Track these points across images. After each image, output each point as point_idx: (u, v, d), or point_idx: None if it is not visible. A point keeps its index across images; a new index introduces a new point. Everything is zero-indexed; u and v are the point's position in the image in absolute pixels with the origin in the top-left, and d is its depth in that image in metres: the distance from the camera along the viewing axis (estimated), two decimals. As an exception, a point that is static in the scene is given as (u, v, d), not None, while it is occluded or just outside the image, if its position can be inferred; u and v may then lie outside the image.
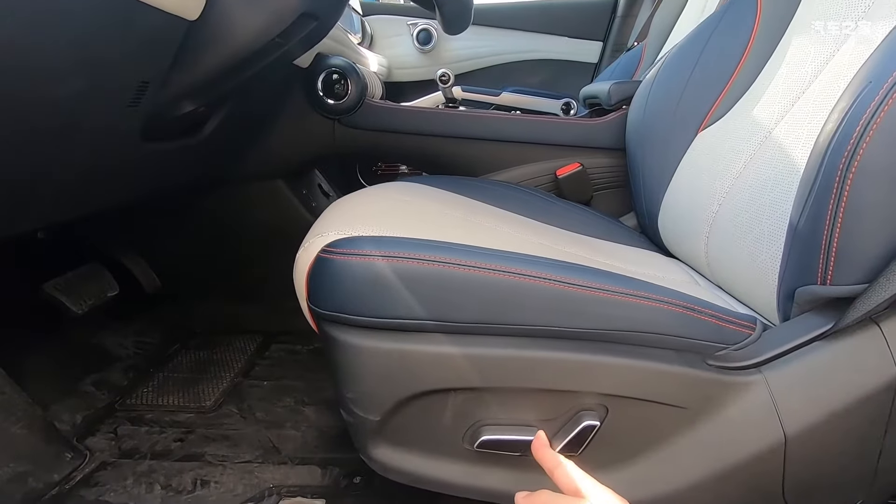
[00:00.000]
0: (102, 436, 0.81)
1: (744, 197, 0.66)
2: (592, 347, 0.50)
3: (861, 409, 0.49)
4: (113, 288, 0.99)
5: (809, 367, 0.50)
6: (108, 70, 0.53)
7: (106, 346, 0.99)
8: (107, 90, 0.55)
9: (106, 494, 0.69)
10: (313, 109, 1.02)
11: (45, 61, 0.46)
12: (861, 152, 0.45)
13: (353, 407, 0.52)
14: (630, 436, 0.53)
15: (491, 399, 0.51)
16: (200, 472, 0.73)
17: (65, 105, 0.52)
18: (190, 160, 0.89)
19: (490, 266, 0.48)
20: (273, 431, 0.82)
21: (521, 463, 0.52)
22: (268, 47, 0.68)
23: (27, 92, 0.47)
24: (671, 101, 0.85)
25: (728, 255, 0.67)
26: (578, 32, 1.98)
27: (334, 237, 0.53)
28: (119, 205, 0.82)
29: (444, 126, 1.05)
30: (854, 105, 0.48)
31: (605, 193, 1.06)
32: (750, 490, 0.53)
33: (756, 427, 0.50)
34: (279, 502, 0.67)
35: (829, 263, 0.48)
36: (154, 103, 0.64)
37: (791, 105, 0.66)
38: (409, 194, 0.75)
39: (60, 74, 0.49)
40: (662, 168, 0.83)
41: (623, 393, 0.50)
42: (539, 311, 0.48)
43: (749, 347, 0.52)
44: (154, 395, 0.91)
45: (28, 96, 0.48)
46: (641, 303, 0.50)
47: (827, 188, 0.48)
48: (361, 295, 0.48)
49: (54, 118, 0.52)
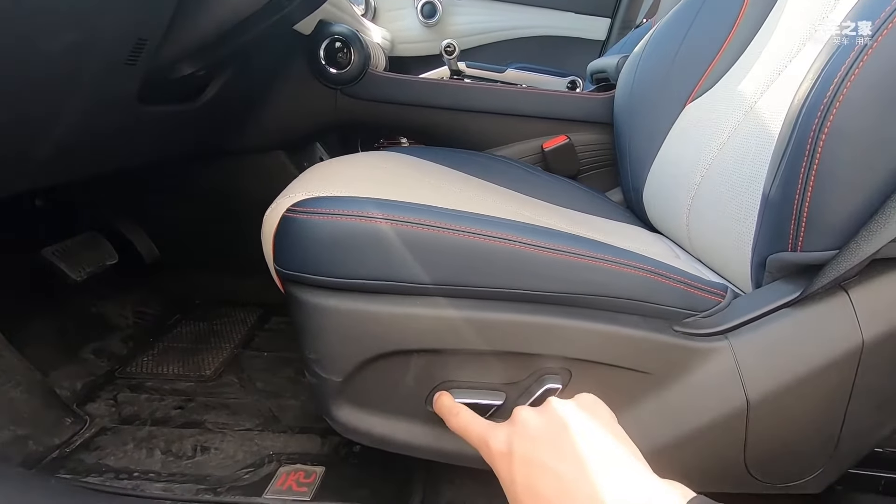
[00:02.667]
0: (102, 402, 0.81)
1: (726, 167, 0.64)
2: (557, 311, 0.49)
3: (825, 376, 0.49)
4: (112, 257, 0.98)
5: (776, 334, 0.50)
6: (103, 24, 0.52)
7: (106, 315, 0.99)
8: (102, 46, 0.54)
9: (106, 458, 0.69)
10: (315, 78, 1.00)
11: (39, 9, 0.45)
12: (833, 114, 0.44)
13: (316, 368, 0.51)
14: None
15: (454, 361, 0.50)
16: (200, 438, 0.73)
17: (60, 58, 0.50)
18: (189, 127, 0.88)
19: (454, 227, 0.47)
20: (273, 401, 0.82)
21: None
22: (268, 8, 0.66)
23: (22, 42, 0.46)
24: (659, 73, 0.84)
25: (707, 226, 0.67)
26: (586, 8, 1.94)
27: (301, 197, 0.52)
28: (117, 169, 0.81)
29: (449, 98, 1.03)
30: (827, 66, 0.46)
31: (593, 172, 1.04)
32: (711, 456, 0.53)
33: (719, 393, 0.50)
34: (279, 469, 0.67)
35: (801, 229, 0.47)
36: (151, 63, 0.62)
37: (776, 75, 0.64)
38: (388, 162, 0.73)
39: (54, 26, 0.47)
40: (649, 141, 0.82)
41: (587, 357, 0.50)
42: (503, 273, 0.48)
43: (717, 315, 0.51)
44: (154, 364, 0.91)
45: (23, 47, 0.46)
46: (608, 266, 0.49)
47: (799, 151, 0.47)
48: (324, 254, 0.47)
49: (51, 71, 0.51)
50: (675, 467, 0.53)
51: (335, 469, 0.68)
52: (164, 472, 0.67)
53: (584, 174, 1.04)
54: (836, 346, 0.49)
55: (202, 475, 0.67)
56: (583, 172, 1.04)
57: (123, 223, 1.07)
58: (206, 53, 0.68)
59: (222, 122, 0.95)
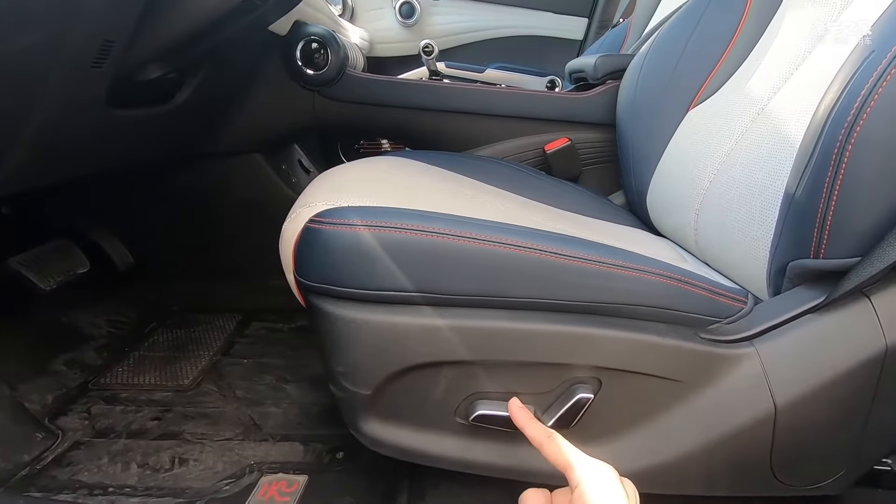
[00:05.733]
0: (75, 415, 0.78)
1: (735, 173, 0.65)
2: (586, 320, 0.49)
3: (849, 380, 0.50)
4: (83, 264, 0.95)
5: (800, 339, 0.50)
6: (67, 24, 0.50)
7: (78, 325, 0.96)
8: (67, 48, 0.52)
9: (79, 474, 0.67)
10: (292, 80, 0.98)
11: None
12: (861, 123, 0.44)
13: (344, 381, 0.50)
14: (622, 408, 0.53)
15: (483, 372, 0.50)
16: (178, 450, 0.71)
17: (23, 59, 0.48)
18: (162, 131, 0.85)
19: (484, 237, 0.47)
20: (254, 409, 0.81)
21: (512, 436, 0.51)
22: (240, 9, 0.65)
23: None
24: (662, 78, 0.84)
25: (717, 231, 0.67)
26: (563, 8, 1.95)
27: (323, 207, 0.51)
28: (88, 174, 0.78)
29: (429, 99, 1.03)
30: (856, 75, 0.47)
31: (593, 169, 1.05)
32: (739, 461, 0.53)
33: (747, 399, 0.51)
34: (260, 479, 0.66)
35: (823, 237, 0.48)
36: (120, 66, 0.60)
37: (784, 80, 0.65)
38: (396, 167, 0.73)
39: (16, 25, 0.45)
40: (652, 146, 0.82)
41: (616, 366, 0.50)
42: (533, 283, 0.48)
43: (741, 321, 0.52)
44: (129, 375, 0.89)
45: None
46: (636, 275, 0.49)
47: (825, 160, 0.47)
48: (351, 266, 0.47)
49: (13, 71, 0.49)
50: (703, 473, 0.54)
51: (318, 477, 0.67)
52: (140, 486, 0.65)
53: (584, 171, 1.04)
54: (859, 351, 0.49)
55: (181, 488, 0.65)
56: (582, 171, 1.04)
57: (95, 230, 1.04)
58: (176, 56, 0.66)
59: (197, 125, 0.93)
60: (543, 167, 1.02)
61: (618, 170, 0.96)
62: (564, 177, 1.01)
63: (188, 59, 0.71)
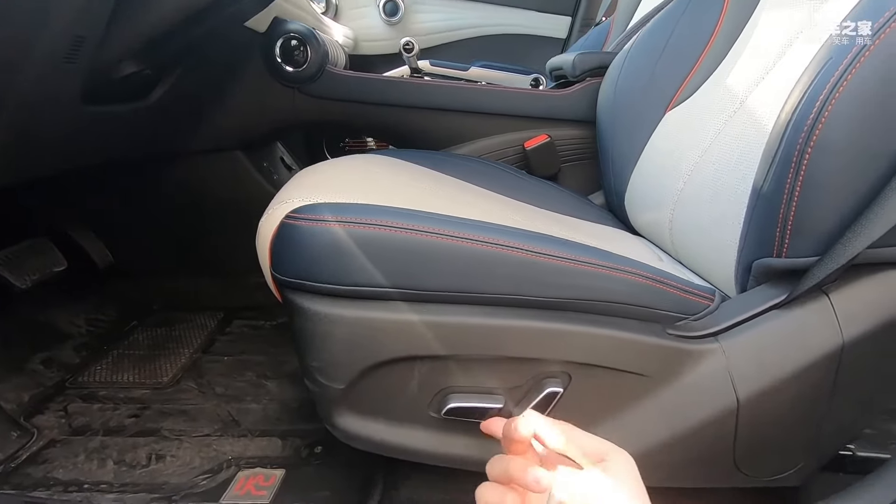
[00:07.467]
0: (52, 414, 0.78)
1: (708, 174, 0.66)
2: (558, 316, 0.50)
3: (808, 375, 0.51)
4: (60, 263, 0.95)
5: (763, 335, 0.52)
6: (37, 18, 0.50)
7: (56, 324, 0.95)
8: (37, 42, 0.52)
9: (55, 472, 0.67)
10: (272, 77, 0.98)
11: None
12: (819, 128, 0.46)
13: (318, 376, 0.51)
14: (591, 402, 0.54)
15: (456, 367, 0.51)
16: (156, 446, 0.71)
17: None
18: (141, 127, 0.85)
19: (458, 234, 0.48)
20: (233, 405, 0.81)
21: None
22: (215, 4, 0.65)
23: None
24: (641, 79, 0.85)
25: (691, 231, 0.68)
26: (547, 7, 1.96)
27: (299, 203, 0.51)
28: (64, 170, 0.78)
29: (410, 96, 1.03)
30: (814, 82, 0.48)
31: (572, 167, 1.06)
32: (703, 453, 0.55)
33: (711, 393, 0.52)
34: (237, 473, 0.66)
35: (786, 236, 0.49)
36: (93, 62, 0.60)
37: (757, 83, 0.65)
38: (376, 165, 0.73)
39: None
40: (631, 147, 0.83)
41: (586, 360, 0.51)
42: (510, 280, 0.48)
43: (708, 317, 0.53)
44: (108, 373, 0.88)
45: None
46: (611, 273, 0.50)
47: (786, 163, 0.49)
48: (326, 261, 0.47)
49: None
50: (668, 465, 0.55)
51: (296, 471, 0.67)
52: (116, 482, 0.65)
53: (564, 168, 1.05)
54: (818, 347, 0.51)
55: (157, 483, 0.65)
56: (561, 168, 1.05)
57: (74, 228, 1.04)
58: (151, 52, 0.66)
59: (176, 122, 0.92)
60: (523, 164, 1.03)
61: (598, 169, 0.97)
62: (544, 173, 1.02)
63: (163, 55, 0.71)
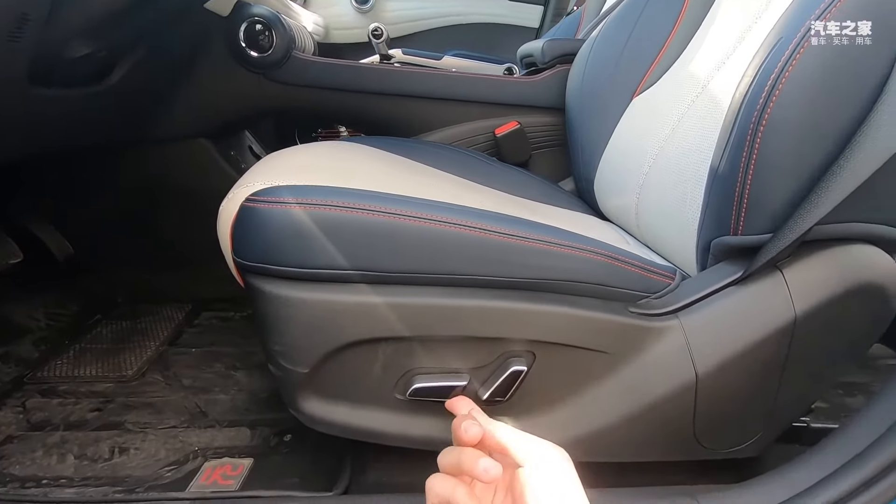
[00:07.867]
0: (9, 410, 0.75)
1: (671, 158, 0.67)
2: (521, 296, 0.50)
3: (763, 349, 0.53)
4: (15, 255, 0.91)
5: (720, 311, 0.53)
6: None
7: (12, 318, 0.92)
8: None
9: (11, 468, 0.65)
10: (237, 62, 0.96)
11: None
12: (770, 107, 0.47)
13: (281, 360, 0.50)
14: (555, 380, 0.54)
15: (421, 348, 0.51)
16: (119, 439, 0.70)
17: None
18: (98, 113, 0.82)
19: (420, 215, 0.47)
20: (200, 397, 0.79)
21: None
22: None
23: None
24: (608, 66, 0.86)
25: (655, 214, 0.70)
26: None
27: (259, 187, 0.50)
28: (15, 158, 0.75)
29: (378, 83, 1.02)
30: (766, 61, 0.49)
31: (543, 153, 1.06)
32: (664, 428, 0.56)
33: (671, 368, 0.53)
34: (204, 464, 0.65)
35: (741, 215, 0.50)
36: (40, 41, 0.58)
37: (718, 68, 0.67)
38: (344, 151, 0.73)
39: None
40: (599, 133, 0.84)
41: (550, 339, 0.51)
42: (465, 260, 0.48)
43: (668, 296, 0.55)
44: (69, 367, 0.86)
45: None
46: (569, 252, 0.51)
47: (740, 143, 0.50)
48: (286, 244, 0.47)
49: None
50: (631, 440, 0.56)
51: (264, 460, 0.66)
52: (76, 476, 0.63)
53: (534, 155, 1.05)
54: (772, 321, 0.52)
55: (119, 477, 0.63)
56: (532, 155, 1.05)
57: (31, 219, 1.00)
58: (102, 32, 0.64)
59: (136, 108, 0.90)
60: (494, 150, 1.03)
61: (567, 156, 0.98)
62: (514, 160, 1.03)
63: (118, 36, 0.68)
